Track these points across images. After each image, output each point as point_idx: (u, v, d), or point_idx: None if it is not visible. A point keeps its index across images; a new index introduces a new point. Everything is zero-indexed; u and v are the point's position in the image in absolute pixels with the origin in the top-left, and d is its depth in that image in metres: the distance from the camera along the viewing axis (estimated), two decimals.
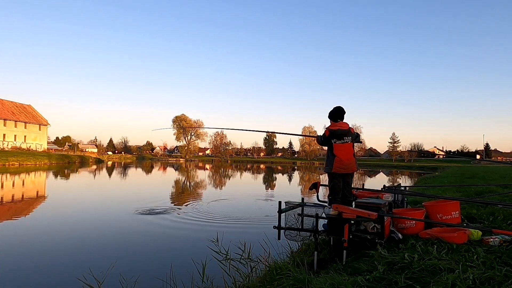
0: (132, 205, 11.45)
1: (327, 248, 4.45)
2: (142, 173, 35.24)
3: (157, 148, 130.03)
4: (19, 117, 59.70)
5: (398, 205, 5.66)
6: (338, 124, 4.84)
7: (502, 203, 5.47)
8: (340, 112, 4.88)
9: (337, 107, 4.91)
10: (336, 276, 2.83)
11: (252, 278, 3.80)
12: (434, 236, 3.72)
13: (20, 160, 39.76)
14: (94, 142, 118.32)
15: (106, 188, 19.04)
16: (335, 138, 4.76)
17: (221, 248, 4.25)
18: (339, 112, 4.88)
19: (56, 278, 4.94)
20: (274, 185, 24.70)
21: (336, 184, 4.78)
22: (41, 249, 6.33)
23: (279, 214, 4.26)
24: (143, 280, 4.44)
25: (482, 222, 4.63)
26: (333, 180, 4.80)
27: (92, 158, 63.45)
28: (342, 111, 4.90)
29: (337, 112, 4.88)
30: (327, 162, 4.82)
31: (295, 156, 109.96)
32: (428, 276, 2.62)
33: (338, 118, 4.87)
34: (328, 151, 4.85)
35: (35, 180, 23.14)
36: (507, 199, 6.88)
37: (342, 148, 4.75)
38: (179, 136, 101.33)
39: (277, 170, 50.17)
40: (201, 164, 66.95)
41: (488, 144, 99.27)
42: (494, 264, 2.75)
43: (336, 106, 4.92)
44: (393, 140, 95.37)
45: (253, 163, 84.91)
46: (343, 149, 4.75)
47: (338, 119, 4.87)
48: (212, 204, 13.07)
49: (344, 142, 4.76)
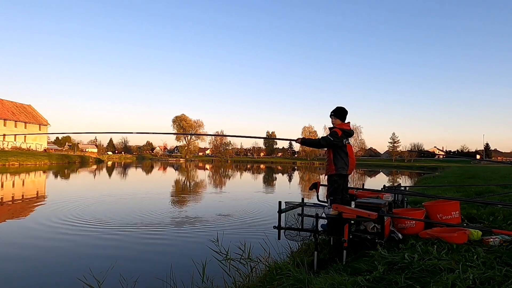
0: (132, 205, 11.45)
1: (327, 248, 4.46)
2: (142, 173, 35.24)
3: (157, 148, 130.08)
4: (19, 117, 59.70)
5: (398, 205, 5.66)
6: (347, 124, 4.78)
7: (502, 203, 5.47)
8: (347, 112, 4.84)
9: (343, 107, 4.84)
10: (336, 276, 2.83)
11: (252, 278, 3.80)
12: (434, 236, 3.72)
13: (20, 160, 39.73)
14: (94, 142, 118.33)
15: (106, 188, 19.04)
16: (347, 138, 4.69)
17: (221, 248, 4.25)
18: (347, 112, 4.81)
19: (56, 278, 4.94)
20: (274, 185, 24.69)
21: (340, 184, 4.69)
22: (41, 249, 6.33)
23: (279, 214, 4.26)
24: (143, 280, 4.44)
25: (482, 222, 4.64)
26: (338, 181, 4.66)
27: (92, 158, 63.44)
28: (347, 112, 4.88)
29: (346, 112, 4.80)
30: (338, 163, 4.58)
31: (295, 156, 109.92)
32: (428, 276, 2.62)
33: (345, 119, 4.83)
34: (338, 152, 4.61)
35: (35, 180, 23.14)
36: (507, 199, 6.88)
37: (351, 149, 4.75)
38: (179, 136, 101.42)
39: (277, 170, 50.16)
40: (201, 164, 66.93)
41: (488, 144, 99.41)
42: (494, 264, 2.75)
43: (341, 106, 4.84)
44: (393, 140, 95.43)
45: (253, 163, 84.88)
46: (352, 150, 4.77)
47: (345, 119, 4.82)
48: (212, 204, 13.07)
49: (349, 143, 4.76)
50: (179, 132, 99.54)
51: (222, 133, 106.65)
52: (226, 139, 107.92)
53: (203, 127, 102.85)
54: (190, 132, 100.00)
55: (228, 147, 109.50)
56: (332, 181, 4.65)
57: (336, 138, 4.55)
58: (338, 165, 4.58)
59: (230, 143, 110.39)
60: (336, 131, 4.62)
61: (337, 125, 4.73)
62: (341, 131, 4.62)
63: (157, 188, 19.46)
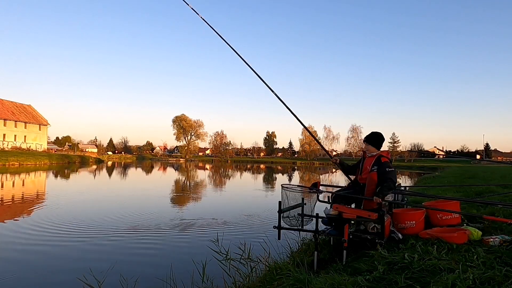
0: (132, 205, 11.45)
1: (327, 248, 4.45)
2: (142, 173, 35.24)
3: (157, 148, 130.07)
4: (19, 117, 59.71)
5: (398, 205, 5.66)
6: (386, 152, 4.50)
7: (502, 203, 5.46)
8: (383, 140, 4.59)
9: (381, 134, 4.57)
10: (336, 276, 2.83)
11: (252, 278, 3.80)
12: (434, 236, 3.72)
13: (20, 160, 39.75)
14: (94, 142, 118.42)
15: (106, 188, 19.04)
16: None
17: (221, 248, 4.25)
18: (383, 140, 4.56)
19: (57, 278, 4.94)
20: (274, 185, 24.70)
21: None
22: (42, 249, 6.33)
23: (279, 214, 4.26)
24: (143, 280, 4.44)
25: (482, 222, 4.63)
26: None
27: (92, 158, 63.46)
28: None
29: (383, 139, 4.54)
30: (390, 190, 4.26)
31: (295, 156, 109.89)
32: (428, 276, 2.62)
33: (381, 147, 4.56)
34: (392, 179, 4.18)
35: (35, 180, 23.14)
36: (507, 199, 6.88)
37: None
38: (179, 136, 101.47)
39: (277, 170, 50.16)
40: (201, 164, 66.95)
41: (488, 144, 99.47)
42: (494, 264, 2.74)
43: (378, 132, 4.56)
44: (393, 140, 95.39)
45: (253, 163, 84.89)
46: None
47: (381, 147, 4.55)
48: (212, 204, 13.07)
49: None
50: (179, 132, 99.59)
51: (222, 133, 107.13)
52: (226, 139, 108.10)
53: (203, 127, 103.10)
54: (189, 132, 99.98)
55: (228, 147, 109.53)
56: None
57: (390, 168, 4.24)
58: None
59: (230, 143, 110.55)
60: (387, 161, 4.28)
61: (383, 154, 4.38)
62: (390, 161, 4.31)
63: (157, 188, 19.46)
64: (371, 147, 4.46)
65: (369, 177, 4.28)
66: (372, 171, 4.26)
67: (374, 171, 4.25)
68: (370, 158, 4.42)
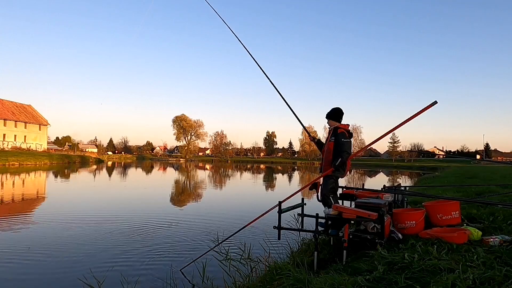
0: (132, 205, 11.46)
1: (327, 248, 4.45)
2: (142, 173, 35.23)
3: (157, 148, 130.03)
4: (19, 117, 59.70)
5: (398, 205, 5.66)
6: (346, 125, 4.76)
7: (502, 203, 5.46)
8: (343, 113, 4.85)
9: (339, 108, 4.85)
10: (336, 276, 2.83)
11: (252, 278, 3.80)
12: (434, 236, 3.72)
13: (20, 160, 39.74)
14: (94, 142, 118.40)
15: (106, 188, 19.04)
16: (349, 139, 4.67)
17: (221, 248, 4.25)
18: (343, 113, 4.84)
19: (57, 278, 4.94)
20: (274, 185, 24.70)
21: (337, 183, 4.73)
22: (42, 249, 6.33)
23: (279, 214, 4.26)
24: (144, 280, 4.44)
25: (482, 222, 4.63)
26: (336, 180, 4.68)
27: (92, 158, 63.43)
28: None
29: (342, 112, 4.82)
30: (344, 163, 4.49)
31: (295, 156, 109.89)
32: (428, 276, 2.62)
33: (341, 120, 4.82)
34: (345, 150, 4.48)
35: (35, 180, 23.15)
36: (507, 199, 6.88)
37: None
38: (179, 136, 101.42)
39: (277, 170, 50.16)
40: (201, 164, 66.94)
41: (488, 144, 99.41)
42: (494, 264, 2.74)
43: (337, 107, 4.84)
44: (393, 140, 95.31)
45: (253, 163, 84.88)
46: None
47: (341, 120, 4.81)
48: (212, 204, 13.08)
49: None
50: (179, 132, 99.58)
51: (222, 133, 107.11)
52: (226, 139, 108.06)
53: (203, 127, 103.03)
54: (189, 132, 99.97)
55: (228, 147, 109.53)
56: (332, 179, 4.60)
57: (344, 140, 4.52)
58: (343, 164, 4.53)
59: (230, 143, 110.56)
60: (343, 132, 4.57)
61: (340, 126, 4.68)
62: (347, 133, 4.60)
63: (157, 188, 19.46)
64: (332, 121, 4.78)
65: (327, 147, 4.67)
66: (330, 141, 4.64)
67: (331, 141, 4.62)
68: (330, 131, 4.81)
